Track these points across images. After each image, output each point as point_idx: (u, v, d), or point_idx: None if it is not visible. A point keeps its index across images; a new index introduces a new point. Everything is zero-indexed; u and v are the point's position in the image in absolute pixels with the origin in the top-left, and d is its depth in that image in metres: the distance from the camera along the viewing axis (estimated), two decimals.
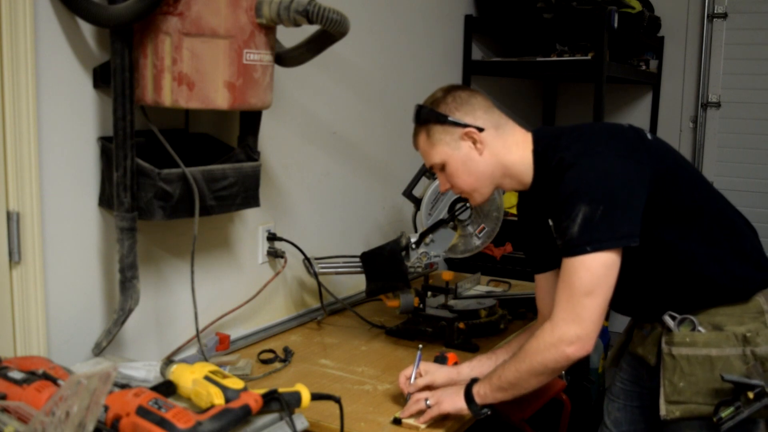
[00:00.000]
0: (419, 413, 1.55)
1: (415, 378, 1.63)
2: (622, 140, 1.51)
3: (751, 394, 1.38)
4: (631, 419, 1.76)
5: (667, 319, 1.53)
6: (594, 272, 1.40)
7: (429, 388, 1.62)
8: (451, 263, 2.92)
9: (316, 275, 2.16)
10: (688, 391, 1.48)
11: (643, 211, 1.44)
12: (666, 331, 1.53)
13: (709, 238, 1.52)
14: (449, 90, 1.60)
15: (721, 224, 1.54)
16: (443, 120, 1.55)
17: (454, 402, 1.53)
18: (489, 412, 1.54)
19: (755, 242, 1.59)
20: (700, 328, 1.50)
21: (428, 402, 1.54)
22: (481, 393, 1.52)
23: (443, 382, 1.63)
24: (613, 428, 1.79)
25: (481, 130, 1.55)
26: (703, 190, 1.58)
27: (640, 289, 1.58)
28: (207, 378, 1.23)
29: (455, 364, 1.71)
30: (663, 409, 1.50)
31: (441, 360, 1.70)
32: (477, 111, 1.56)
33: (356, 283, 2.47)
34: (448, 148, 1.56)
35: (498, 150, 1.56)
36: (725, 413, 1.40)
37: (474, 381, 1.55)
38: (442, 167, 1.60)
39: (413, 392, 1.61)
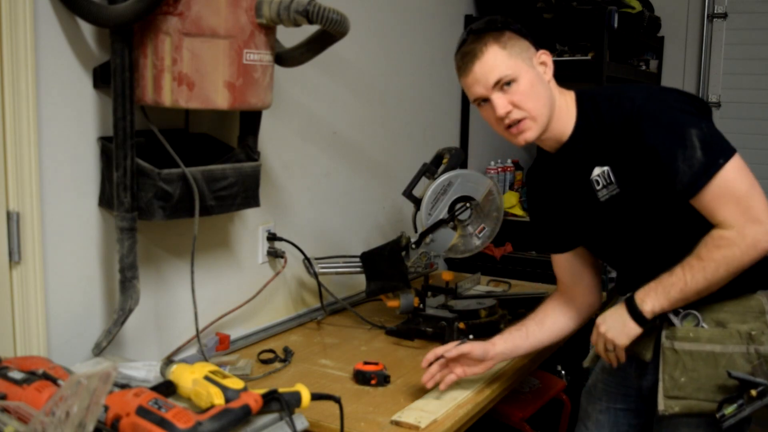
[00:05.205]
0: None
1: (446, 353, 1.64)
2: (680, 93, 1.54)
3: (754, 392, 1.38)
4: (614, 422, 1.74)
5: (670, 312, 1.51)
6: (739, 172, 1.40)
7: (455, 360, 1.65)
8: (451, 263, 2.92)
9: (316, 275, 2.16)
10: (689, 387, 1.47)
11: None
12: (667, 324, 1.51)
13: None
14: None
15: None
16: (525, 33, 1.51)
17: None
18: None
19: None
20: (703, 324, 1.49)
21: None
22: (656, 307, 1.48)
23: (479, 354, 1.64)
24: (595, 430, 1.76)
25: None
26: None
27: (652, 264, 1.54)
28: (207, 378, 1.24)
29: None
30: (661, 404, 1.48)
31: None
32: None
33: (356, 283, 2.47)
34: (525, 64, 1.49)
35: (553, 85, 1.55)
36: (728, 410, 1.40)
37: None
38: (509, 82, 1.47)
39: (447, 355, 1.62)
